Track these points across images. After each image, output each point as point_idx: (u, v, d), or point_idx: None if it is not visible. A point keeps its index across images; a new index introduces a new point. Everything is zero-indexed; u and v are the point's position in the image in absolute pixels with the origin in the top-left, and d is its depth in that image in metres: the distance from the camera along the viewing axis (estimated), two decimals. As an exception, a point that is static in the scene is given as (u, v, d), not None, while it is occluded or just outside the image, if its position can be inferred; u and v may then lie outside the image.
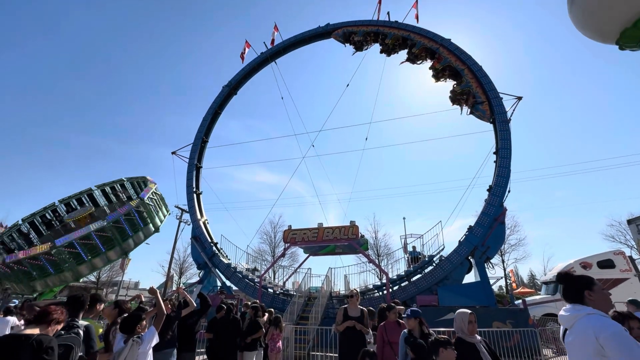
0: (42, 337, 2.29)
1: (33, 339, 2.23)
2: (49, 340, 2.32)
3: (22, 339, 2.23)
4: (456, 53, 16.65)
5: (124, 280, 43.94)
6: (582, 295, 2.07)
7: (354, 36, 20.01)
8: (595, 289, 2.07)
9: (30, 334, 2.29)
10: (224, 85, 22.34)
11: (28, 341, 2.21)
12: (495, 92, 15.42)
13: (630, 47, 2.02)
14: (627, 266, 14.13)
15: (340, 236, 13.20)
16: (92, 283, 39.22)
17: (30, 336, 2.26)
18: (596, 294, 2.05)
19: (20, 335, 2.28)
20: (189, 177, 20.17)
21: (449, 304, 11.88)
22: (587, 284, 2.10)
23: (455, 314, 3.42)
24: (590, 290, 2.06)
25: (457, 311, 3.47)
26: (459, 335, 3.28)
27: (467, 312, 3.36)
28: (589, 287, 2.08)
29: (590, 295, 2.05)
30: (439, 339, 3.10)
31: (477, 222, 13.40)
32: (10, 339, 2.26)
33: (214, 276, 17.47)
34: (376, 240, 34.61)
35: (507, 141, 14.28)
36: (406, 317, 4.25)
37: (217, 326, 6.36)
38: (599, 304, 2.02)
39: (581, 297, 2.08)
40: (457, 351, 3.04)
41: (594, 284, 2.10)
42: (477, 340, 3.25)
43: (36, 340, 2.23)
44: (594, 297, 2.04)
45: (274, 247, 36.50)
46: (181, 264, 39.86)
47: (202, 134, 21.21)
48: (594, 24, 2.00)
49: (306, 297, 13.73)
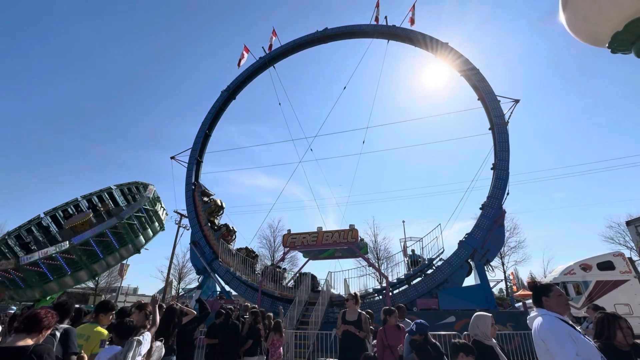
0: (39, 348, 2.25)
1: (30, 351, 2.18)
2: (47, 351, 2.28)
3: (19, 352, 2.16)
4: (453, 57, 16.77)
5: (123, 286, 43.71)
6: (541, 300, 2.43)
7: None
8: (551, 295, 2.40)
9: (26, 346, 2.22)
10: (222, 90, 22.40)
11: (26, 354, 2.15)
12: (492, 95, 15.51)
13: (621, 50, 2.05)
14: (626, 268, 14.14)
15: (340, 240, 13.18)
16: (91, 289, 38.99)
17: (26, 348, 2.20)
18: (551, 299, 2.38)
19: (16, 347, 2.20)
20: (187, 182, 20.12)
21: (449, 307, 11.85)
22: (544, 291, 2.44)
23: (475, 317, 3.45)
24: (546, 296, 2.41)
25: (475, 314, 3.50)
26: (476, 338, 3.32)
27: (488, 315, 3.46)
28: (545, 294, 2.42)
29: (547, 301, 2.39)
30: (459, 343, 3.08)
31: (476, 225, 13.40)
32: (6, 352, 2.18)
33: (214, 281, 17.39)
34: (376, 243, 34.53)
35: (505, 144, 14.33)
36: (411, 332, 4.13)
37: (216, 331, 6.32)
38: (553, 307, 2.35)
39: (541, 302, 2.43)
40: (476, 354, 3.11)
41: (551, 290, 2.43)
42: (494, 343, 3.31)
43: (34, 352, 2.18)
44: (549, 302, 2.38)
45: (273, 251, 36.38)
46: (180, 269, 39.70)
47: (201, 138, 21.23)
48: (586, 27, 2.04)
49: (306, 302, 13.67)
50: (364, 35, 20.69)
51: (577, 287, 14.52)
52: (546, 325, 2.20)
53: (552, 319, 2.22)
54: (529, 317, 2.48)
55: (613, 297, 13.47)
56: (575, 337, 2.08)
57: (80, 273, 20.40)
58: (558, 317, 2.25)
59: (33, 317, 2.37)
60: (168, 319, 4.95)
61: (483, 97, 15.77)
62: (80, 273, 20.40)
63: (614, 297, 13.47)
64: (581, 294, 14.16)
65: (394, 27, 18.90)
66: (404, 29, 18.57)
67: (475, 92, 16.49)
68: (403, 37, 18.74)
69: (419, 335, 4.07)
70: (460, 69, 16.67)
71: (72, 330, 3.22)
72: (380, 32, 19.63)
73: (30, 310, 2.46)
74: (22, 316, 2.41)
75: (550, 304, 2.36)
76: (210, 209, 19.47)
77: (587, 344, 2.08)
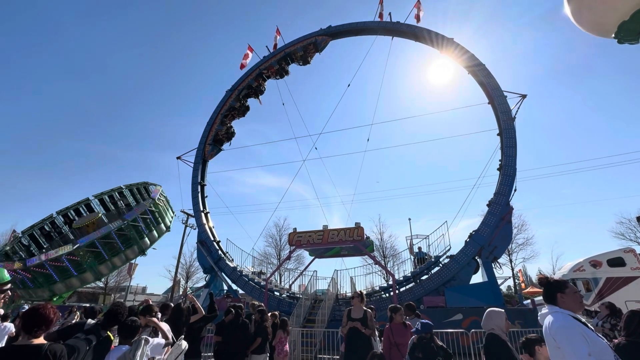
0: (54, 346, 2.28)
1: (46, 349, 2.20)
2: (61, 349, 2.31)
3: (35, 350, 2.19)
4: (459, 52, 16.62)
5: (132, 286, 44.26)
6: (555, 297, 2.33)
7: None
8: (567, 291, 2.31)
9: (41, 344, 2.24)
10: (227, 90, 22.51)
11: (41, 352, 2.17)
12: (499, 90, 15.34)
13: (628, 40, 2.01)
14: (637, 264, 13.88)
15: (346, 238, 13.18)
16: (100, 289, 39.57)
17: (42, 346, 2.22)
18: (567, 296, 2.29)
19: (31, 345, 2.22)
20: (194, 181, 20.28)
21: (456, 305, 11.78)
22: (560, 287, 2.35)
23: (489, 311, 3.48)
24: (562, 292, 2.31)
25: (488, 309, 3.53)
26: (492, 332, 3.34)
27: (502, 310, 3.48)
28: (561, 290, 2.32)
29: (562, 297, 2.30)
30: (532, 337, 3.07)
31: (484, 222, 13.29)
32: (21, 350, 2.20)
33: (220, 280, 17.53)
34: (382, 241, 34.40)
35: (513, 139, 14.17)
36: (416, 332, 4.12)
37: (225, 330, 6.37)
38: (568, 304, 2.26)
39: (555, 299, 2.33)
40: (493, 347, 3.20)
41: (567, 287, 2.34)
42: (507, 339, 3.33)
43: (50, 351, 2.21)
44: (565, 299, 2.29)
45: (279, 250, 36.50)
46: (187, 269, 40.05)
47: (205, 138, 21.37)
48: (591, 17, 2.00)
49: (312, 300, 13.71)
50: (368, 32, 20.59)
51: (587, 284, 14.31)
52: (558, 323, 2.13)
53: (565, 316, 2.16)
54: (540, 314, 2.41)
55: (624, 294, 13.25)
56: (588, 336, 2.02)
57: (85, 274, 20.74)
58: (571, 314, 2.19)
59: (42, 316, 2.33)
60: (176, 318, 5.00)
61: (490, 93, 15.60)
62: (85, 274, 20.74)
63: (625, 294, 13.25)
64: (591, 291, 13.95)
65: (399, 24, 18.78)
66: (409, 25, 18.44)
67: (482, 87, 16.32)
68: (408, 34, 18.62)
69: (425, 334, 4.05)
70: (467, 64, 16.51)
71: (109, 342, 3.28)
72: (384, 29, 19.52)
73: (33, 306, 2.42)
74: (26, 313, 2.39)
75: (566, 301, 2.28)
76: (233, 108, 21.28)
77: (601, 343, 2.02)
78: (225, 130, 21.56)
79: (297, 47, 20.96)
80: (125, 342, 3.27)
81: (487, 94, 15.91)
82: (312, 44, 20.81)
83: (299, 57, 21.23)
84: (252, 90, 22.01)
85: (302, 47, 20.84)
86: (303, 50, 20.86)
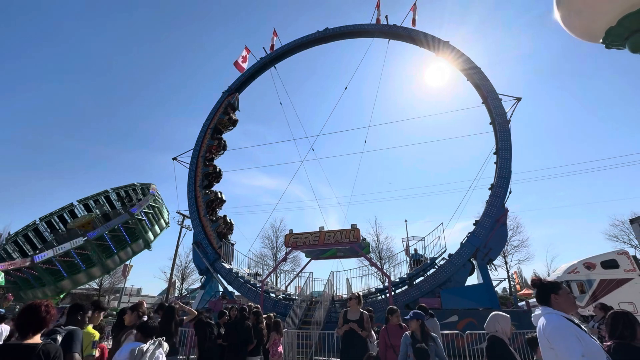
0: (48, 346, 2.23)
1: (40, 349, 2.15)
2: (56, 350, 2.27)
3: (28, 349, 2.14)
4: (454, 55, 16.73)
5: (126, 287, 43.93)
6: (549, 298, 2.33)
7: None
8: (560, 293, 2.32)
9: (34, 344, 2.19)
10: (223, 91, 22.47)
11: (34, 352, 2.13)
12: (494, 93, 15.45)
13: (615, 45, 2.04)
14: (631, 266, 14.00)
15: (342, 239, 13.17)
16: (95, 290, 39.18)
17: (35, 346, 2.17)
18: (560, 297, 2.30)
19: (25, 345, 2.17)
20: (189, 182, 20.17)
21: (452, 307, 11.80)
22: (553, 289, 2.35)
23: (495, 315, 3.53)
24: (555, 294, 2.32)
25: (493, 313, 3.58)
26: (495, 335, 3.39)
27: (508, 316, 3.54)
28: (554, 292, 2.33)
29: (555, 299, 2.31)
30: (536, 337, 3.12)
31: (479, 224, 13.34)
32: (15, 349, 2.15)
33: (216, 281, 17.44)
34: (378, 243, 34.41)
35: (507, 142, 14.27)
36: (409, 318, 4.30)
37: (229, 331, 6.36)
38: (562, 306, 2.28)
39: (548, 300, 2.34)
40: (497, 350, 3.26)
41: (560, 288, 2.35)
42: (508, 342, 3.40)
43: (43, 351, 2.16)
44: (558, 300, 2.30)
45: (275, 251, 36.36)
46: (183, 270, 39.75)
47: (202, 138, 21.28)
48: (580, 23, 2.03)
49: (308, 302, 13.67)
50: (365, 34, 20.69)
51: (581, 285, 14.41)
52: (552, 324, 2.15)
53: (559, 317, 2.17)
54: (534, 315, 2.42)
55: (617, 296, 13.36)
56: (581, 337, 2.03)
57: (93, 269, 20.69)
58: (564, 316, 2.20)
59: (37, 316, 2.28)
60: (169, 317, 5.00)
61: (485, 96, 15.72)
62: (93, 269, 20.69)
63: (618, 296, 13.36)
64: (585, 293, 14.05)
65: (395, 27, 18.89)
66: (405, 28, 18.55)
67: (477, 90, 16.44)
68: (404, 37, 18.72)
69: (416, 320, 4.23)
70: (462, 67, 16.63)
71: (75, 332, 3.22)
72: (381, 32, 19.63)
73: (28, 304, 2.32)
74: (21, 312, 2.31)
75: (560, 302, 2.29)
76: (210, 200, 19.70)
77: (594, 344, 2.03)
78: (212, 170, 21.15)
79: (219, 115, 21.41)
80: (143, 340, 3.35)
81: (483, 97, 16.03)
82: (228, 105, 21.65)
83: (227, 124, 21.80)
84: (223, 125, 21.94)
85: (222, 113, 21.41)
86: (225, 113, 21.47)
